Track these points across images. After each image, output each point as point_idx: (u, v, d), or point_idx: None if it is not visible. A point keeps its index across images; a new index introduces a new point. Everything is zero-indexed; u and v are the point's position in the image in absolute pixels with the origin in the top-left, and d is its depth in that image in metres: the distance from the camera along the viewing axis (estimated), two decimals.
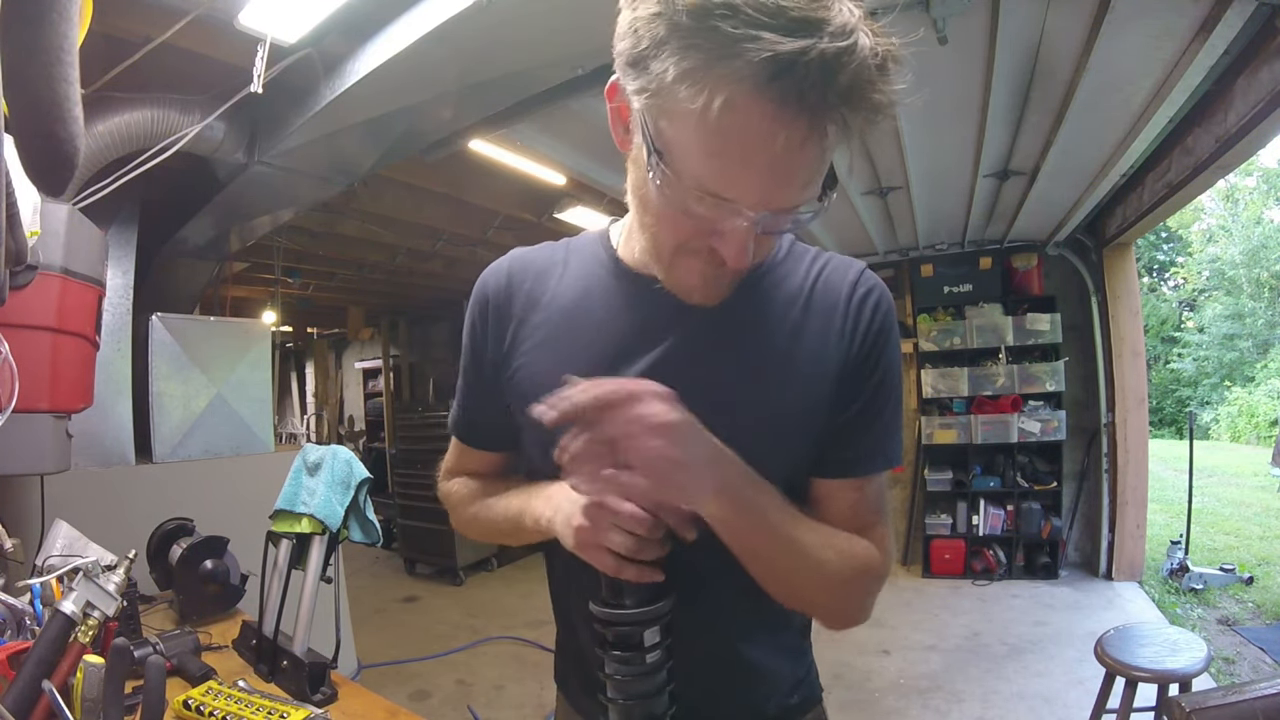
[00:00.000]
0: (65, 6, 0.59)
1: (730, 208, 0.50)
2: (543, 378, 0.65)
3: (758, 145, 0.46)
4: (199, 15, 1.77)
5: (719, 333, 0.65)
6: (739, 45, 0.42)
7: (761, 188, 0.49)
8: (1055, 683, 3.01)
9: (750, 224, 0.51)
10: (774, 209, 0.50)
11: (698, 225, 0.53)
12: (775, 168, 0.48)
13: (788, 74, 0.43)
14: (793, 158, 0.47)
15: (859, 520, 0.67)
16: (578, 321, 0.69)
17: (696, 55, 0.44)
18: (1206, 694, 1.15)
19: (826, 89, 0.43)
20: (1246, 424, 12.99)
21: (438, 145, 2.60)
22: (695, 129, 0.47)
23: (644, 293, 0.65)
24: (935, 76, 2.37)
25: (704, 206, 0.50)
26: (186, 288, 3.61)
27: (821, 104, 0.44)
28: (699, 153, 0.48)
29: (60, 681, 0.81)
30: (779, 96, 0.43)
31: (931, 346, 4.83)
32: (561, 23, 1.64)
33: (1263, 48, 2.18)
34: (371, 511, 1.37)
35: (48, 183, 0.66)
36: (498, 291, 0.74)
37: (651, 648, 0.59)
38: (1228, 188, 14.55)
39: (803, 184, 0.50)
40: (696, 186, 0.49)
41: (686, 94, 0.45)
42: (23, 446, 1.28)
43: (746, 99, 0.44)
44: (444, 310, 7.71)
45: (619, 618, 0.58)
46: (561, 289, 0.71)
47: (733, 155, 0.47)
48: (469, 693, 3.23)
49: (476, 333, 0.76)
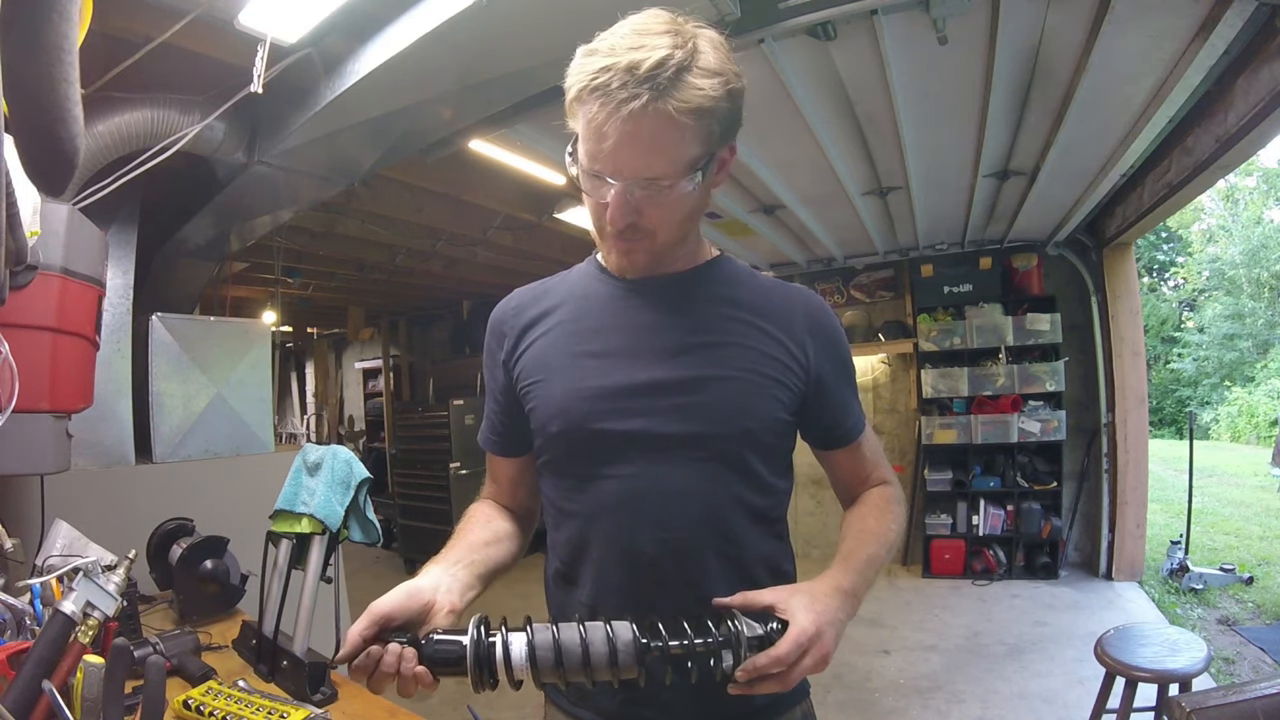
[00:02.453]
0: (65, 6, 0.59)
1: (599, 180, 0.70)
2: (545, 355, 0.84)
3: (601, 127, 0.66)
4: (199, 15, 1.77)
5: (688, 309, 0.82)
6: (587, 74, 0.67)
7: (613, 158, 0.68)
8: (1055, 683, 3.01)
9: (618, 189, 0.70)
10: (629, 176, 0.69)
11: (598, 206, 0.74)
12: (619, 143, 0.66)
13: (603, 77, 0.65)
14: (628, 135, 0.66)
15: (866, 470, 0.91)
16: (571, 315, 0.85)
17: (575, 89, 0.69)
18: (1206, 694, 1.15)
19: (628, 85, 0.64)
20: (1246, 424, 12.99)
21: (438, 145, 2.60)
22: (582, 121, 0.69)
23: (622, 286, 0.84)
24: (935, 76, 2.37)
25: (590, 185, 0.72)
26: (186, 288, 3.60)
27: (629, 95, 0.64)
28: (582, 139, 0.70)
29: (60, 681, 0.81)
30: (602, 93, 0.65)
31: (931, 346, 4.83)
32: (561, 22, 1.64)
33: (1263, 48, 2.18)
34: (371, 511, 1.38)
35: (48, 182, 0.66)
36: (505, 315, 0.90)
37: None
38: (1228, 188, 14.55)
39: (646, 156, 0.68)
40: (585, 171, 0.71)
41: (573, 109, 0.70)
42: (23, 446, 1.28)
43: (589, 98, 0.67)
44: (444, 310, 7.71)
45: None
46: (559, 299, 0.88)
47: (592, 139, 0.68)
48: (469, 693, 3.22)
49: (492, 349, 0.91)
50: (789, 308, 0.83)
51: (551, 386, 0.82)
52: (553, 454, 0.84)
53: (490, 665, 0.62)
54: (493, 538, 0.85)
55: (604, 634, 0.62)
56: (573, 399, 0.80)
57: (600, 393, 0.79)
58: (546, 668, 0.62)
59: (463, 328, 7.43)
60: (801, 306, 0.84)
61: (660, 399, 0.78)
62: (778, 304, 0.83)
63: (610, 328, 0.82)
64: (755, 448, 0.79)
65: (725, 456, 0.78)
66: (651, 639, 0.64)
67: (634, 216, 0.72)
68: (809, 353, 0.82)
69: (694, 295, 0.83)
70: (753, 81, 0.74)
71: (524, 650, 0.62)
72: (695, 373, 0.78)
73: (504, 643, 0.63)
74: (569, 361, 0.82)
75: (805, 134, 2.76)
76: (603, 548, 0.79)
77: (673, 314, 0.81)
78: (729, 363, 0.79)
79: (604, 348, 0.81)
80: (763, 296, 0.84)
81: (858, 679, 3.21)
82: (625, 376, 0.79)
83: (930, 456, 4.86)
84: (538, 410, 0.83)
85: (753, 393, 0.78)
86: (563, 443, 0.81)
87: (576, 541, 0.82)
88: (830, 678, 3.22)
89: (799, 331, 0.82)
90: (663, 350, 0.79)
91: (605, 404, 0.78)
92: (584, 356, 0.82)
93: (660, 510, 0.77)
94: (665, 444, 0.77)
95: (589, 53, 0.68)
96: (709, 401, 0.77)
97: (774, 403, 0.79)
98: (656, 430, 0.77)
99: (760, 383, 0.79)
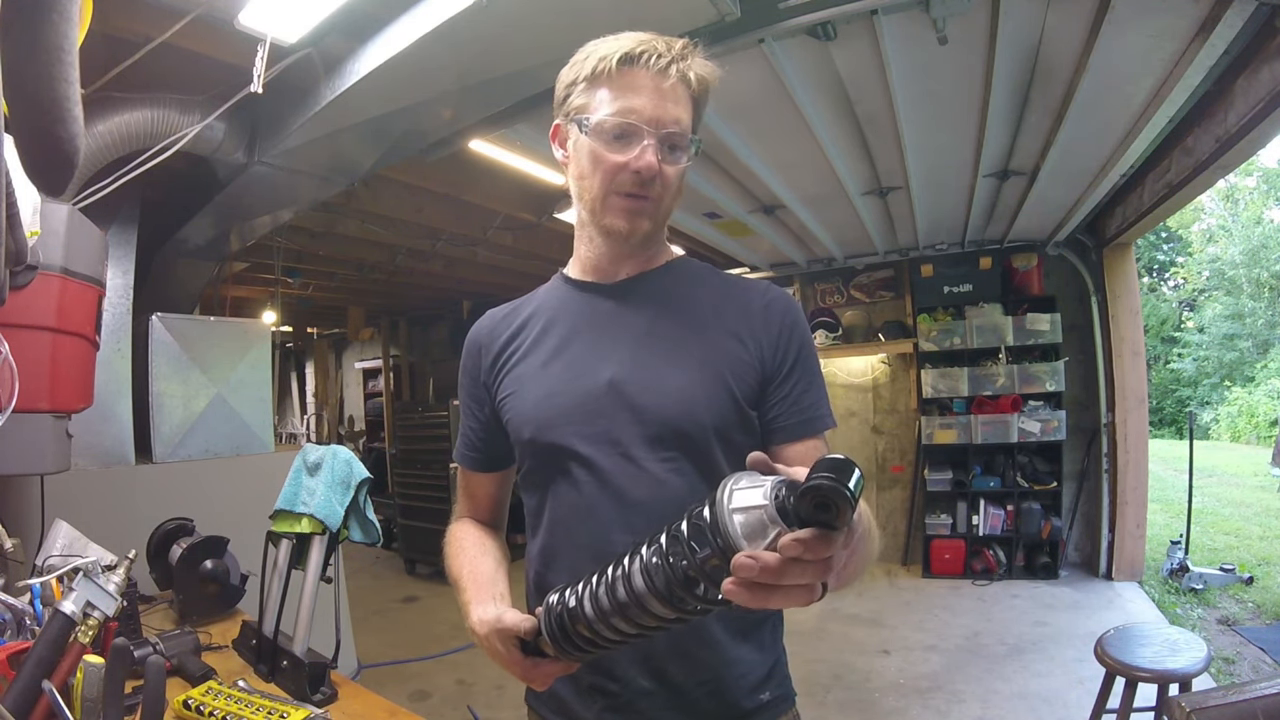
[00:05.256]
0: (65, 6, 0.59)
1: (628, 138, 0.77)
2: (518, 368, 0.87)
3: (643, 86, 0.77)
4: (199, 15, 1.77)
5: (649, 310, 0.84)
6: (622, 48, 0.78)
7: (653, 110, 0.76)
8: (1055, 683, 3.01)
9: (653, 141, 0.76)
10: (661, 126, 0.77)
11: (612, 167, 0.78)
12: (661, 98, 0.77)
13: (645, 47, 0.77)
14: (668, 92, 0.77)
15: None
16: (542, 327, 0.89)
17: (604, 62, 0.78)
18: (1206, 694, 1.15)
19: (664, 56, 0.77)
20: (1246, 424, 12.99)
21: (438, 145, 2.60)
22: (606, 89, 0.78)
23: (587, 292, 0.88)
24: (935, 76, 2.37)
25: (614, 145, 0.78)
26: (186, 288, 3.60)
27: (660, 63, 0.76)
28: (610, 102, 0.77)
29: (60, 681, 0.81)
30: (646, 59, 0.77)
31: (931, 346, 4.83)
32: (561, 23, 1.65)
33: (1263, 48, 2.18)
34: (371, 511, 1.38)
35: (48, 182, 0.66)
36: (481, 334, 0.94)
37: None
38: (1228, 188, 14.54)
39: (674, 108, 0.77)
40: (611, 131, 0.77)
41: (594, 82, 0.79)
42: (23, 446, 1.28)
43: (627, 66, 0.77)
44: (444, 310, 7.71)
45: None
46: (530, 314, 0.91)
47: (627, 93, 0.77)
48: (469, 693, 3.23)
49: (469, 367, 0.94)
50: (746, 301, 0.85)
51: (524, 397, 0.85)
52: (529, 462, 0.86)
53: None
54: (495, 564, 0.86)
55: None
56: (542, 407, 0.82)
57: (567, 397, 0.81)
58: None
59: (463, 328, 7.38)
60: (759, 300, 0.85)
61: (622, 398, 0.79)
62: (736, 299, 0.85)
63: (576, 332, 0.85)
64: (722, 444, 0.79)
65: (692, 454, 0.78)
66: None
67: (658, 170, 0.78)
68: (764, 344, 0.82)
69: (655, 294, 0.86)
70: (753, 81, 0.77)
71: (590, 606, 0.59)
72: (655, 370, 0.80)
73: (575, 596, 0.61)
74: (538, 371, 0.85)
75: (805, 134, 2.76)
76: (574, 553, 0.80)
77: (635, 313, 0.84)
78: (689, 359, 0.80)
79: (571, 352, 0.84)
80: (722, 293, 0.86)
81: (858, 679, 3.21)
82: (590, 379, 0.81)
83: (930, 456, 4.86)
84: (512, 421, 0.86)
85: (713, 388, 0.79)
86: (534, 450, 0.84)
87: (551, 548, 0.84)
88: (830, 678, 3.22)
89: (756, 325, 0.83)
90: (624, 347, 0.82)
91: (573, 409, 0.80)
92: (552, 363, 0.85)
93: (630, 512, 0.77)
94: (631, 444, 0.78)
95: (600, 45, 0.79)
96: (670, 399, 0.78)
97: (733, 398, 0.79)
98: (620, 433, 0.78)
99: (720, 378, 0.79)
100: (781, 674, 0.86)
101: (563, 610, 0.61)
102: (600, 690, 0.80)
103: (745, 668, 0.81)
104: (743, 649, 0.81)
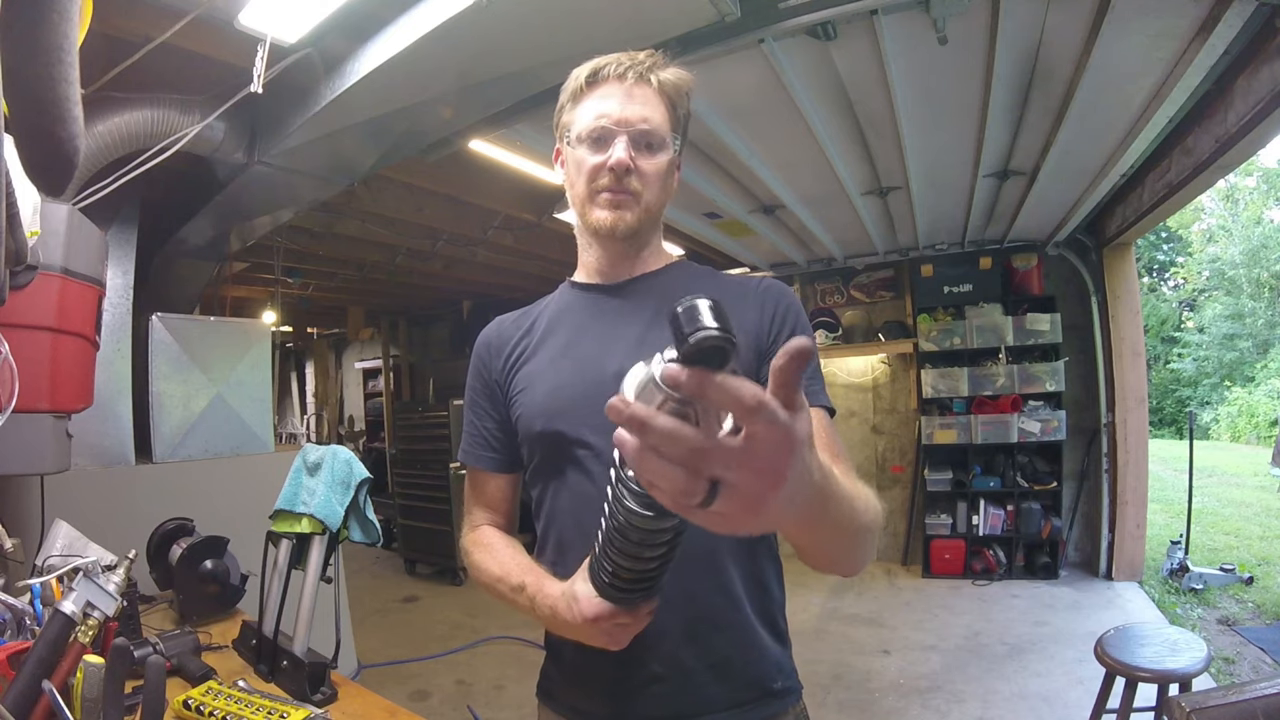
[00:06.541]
0: (65, 6, 0.59)
1: (602, 140, 0.84)
2: (529, 366, 0.91)
3: (610, 93, 0.85)
4: (199, 15, 1.77)
5: (651, 305, 0.88)
6: (593, 66, 0.87)
7: (620, 113, 0.84)
8: (1055, 683, 3.01)
9: (623, 139, 0.83)
10: (629, 125, 0.83)
11: (594, 168, 0.84)
12: (624, 102, 0.84)
13: (608, 62, 0.86)
14: (631, 96, 0.85)
15: (829, 451, 0.75)
16: (550, 327, 0.93)
17: (582, 77, 0.88)
18: (1206, 694, 1.15)
19: (625, 65, 0.85)
20: (1246, 424, 12.99)
21: (438, 145, 2.60)
22: (582, 104, 0.87)
23: (591, 293, 0.94)
24: (935, 76, 2.37)
25: (593, 147, 0.85)
26: (186, 288, 3.61)
27: (622, 70, 0.85)
28: (585, 114, 0.86)
29: (60, 681, 0.81)
30: (609, 71, 0.86)
31: (931, 346, 4.83)
32: (561, 23, 1.65)
33: (1263, 48, 2.18)
34: (371, 511, 1.37)
35: (48, 182, 0.66)
36: (491, 336, 0.98)
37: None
38: (1228, 188, 14.54)
39: (642, 109, 0.84)
40: (589, 134, 0.85)
41: (576, 98, 0.88)
42: (23, 446, 1.28)
43: (598, 79, 0.86)
44: (444, 310, 7.71)
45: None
46: (538, 316, 0.97)
47: (600, 105, 0.85)
48: (469, 693, 3.23)
49: (480, 369, 0.97)
50: (742, 293, 0.89)
51: (534, 392, 0.88)
52: (539, 454, 0.88)
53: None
54: (530, 558, 0.87)
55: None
56: (552, 399, 0.86)
57: (576, 389, 0.85)
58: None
59: (463, 328, 7.43)
60: (754, 289, 0.90)
61: None
62: (733, 291, 0.90)
63: (582, 330, 0.90)
64: None
65: None
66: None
67: (630, 165, 0.84)
68: (760, 325, 0.86)
69: (656, 291, 0.90)
70: (753, 81, 0.76)
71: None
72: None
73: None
74: (547, 367, 0.89)
75: (805, 134, 2.76)
76: (586, 542, 0.80)
77: (639, 309, 0.89)
78: None
79: (578, 349, 0.89)
80: (720, 289, 0.91)
81: (858, 679, 3.21)
82: (597, 371, 0.83)
83: (930, 456, 4.86)
84: (523, 416, 0.89)
85: None
86: (544, 441, 0.86)
87: (561, 540, 0.86)
88: (830, 678, 3.22)
89: (751, 310, 0.87)
90: (629, 340, 0.86)
91: (582, 400, 0.83)
92: (561, 360, 0.89)
93: None
94: None
95: (578, 69, 0.87)
96: None
97: None
98: None
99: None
100: (792, 666, 0.89)
101: (593, 560, 0.68)
102: (639, 664, 0.80)
103: (769, 651, 0.85)
104: (765, 634, 0.85)
